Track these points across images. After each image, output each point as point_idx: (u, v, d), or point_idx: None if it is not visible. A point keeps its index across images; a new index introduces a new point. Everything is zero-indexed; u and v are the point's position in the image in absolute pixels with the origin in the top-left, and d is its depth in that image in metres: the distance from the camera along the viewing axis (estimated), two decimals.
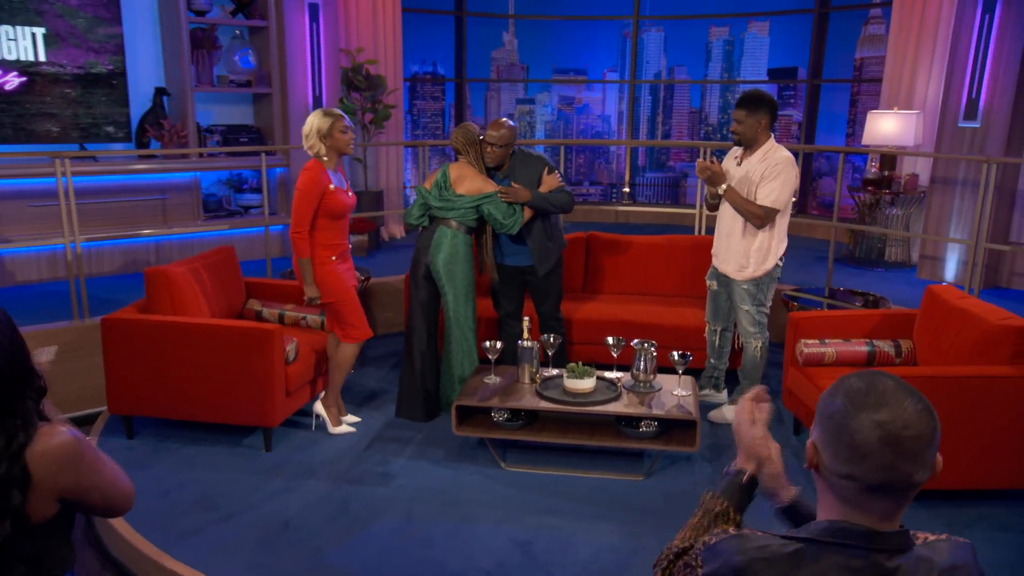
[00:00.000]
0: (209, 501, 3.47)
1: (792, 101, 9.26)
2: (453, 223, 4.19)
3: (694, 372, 4.47)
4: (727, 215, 4.12)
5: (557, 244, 4.40)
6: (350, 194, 3.97)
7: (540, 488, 3.62)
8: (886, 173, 6.71)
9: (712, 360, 4.50)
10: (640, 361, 3.89)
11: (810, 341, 3.99)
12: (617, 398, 3.76)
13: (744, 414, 1.56)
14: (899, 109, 6.65)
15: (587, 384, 3.80)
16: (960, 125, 5.86)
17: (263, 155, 5.46)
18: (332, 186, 3.82)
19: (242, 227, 6.49)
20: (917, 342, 3.93)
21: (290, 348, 3.94)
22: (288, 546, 3.13)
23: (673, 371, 3.94)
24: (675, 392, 3.84)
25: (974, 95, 5.77)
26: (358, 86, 6.87)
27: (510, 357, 4.36)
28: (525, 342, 3.95)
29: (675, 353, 3.83)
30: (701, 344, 4.57)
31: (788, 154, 3.95)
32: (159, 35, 6.41)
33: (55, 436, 1.43)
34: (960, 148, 5.89)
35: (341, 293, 3.92)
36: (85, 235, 5.08)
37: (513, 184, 4.23)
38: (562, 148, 7.56)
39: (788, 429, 4.28)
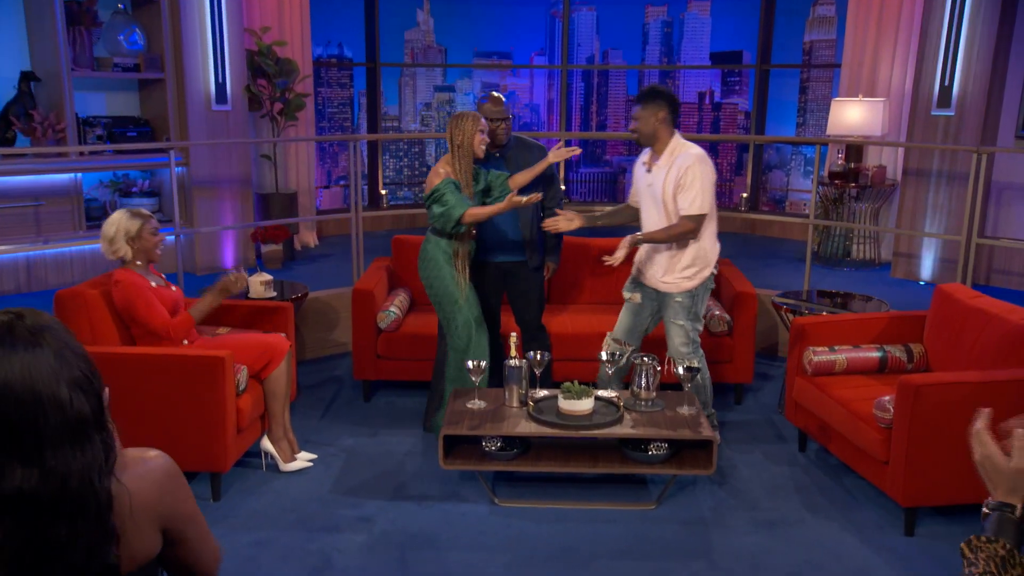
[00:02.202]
0: None
1: (738, 88, 9.66)
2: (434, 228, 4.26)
3: None
4: (651, 222, 4.17)
5: (543, 236, 4.51)
6: (173, 288, 4.06)
7: (544, 524, 3.64)
8: (852, 165, 7.08)
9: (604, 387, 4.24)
10: (641, 377, 3.98)
11: (818, 349, 4.18)
12: (620, 419, 3.83)
13: (990, 446, 1.56)
14: (863, 96, 7.04)
15: (585, 405, 3.85)
16: (933, 113, 6.27)
17: (171, 152, 5.27)
18: (153, 283, 3.92)
19: None
20: (929, 346, 4.19)
21: (240, 376, 3.82)
22: None
23: (673, 387, 4.06)
24: (681, 410, 3.94)
25: (947, 82, 6.19)
26: (267, 71, 6.72)
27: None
28: (512, 360, 3.97)
29: (680, 368, 3.94)
30: None
31: (697, 151, 4.03)
32: (22, 9, 6.09)
33: (151, 456, 1.45)
34: (933, 137, 6.30)
35: (232, 347, 3.93)
36: None
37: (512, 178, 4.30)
38: None
39: (792, 445, 4.46)
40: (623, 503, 3.84)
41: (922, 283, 6.52)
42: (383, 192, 8.92)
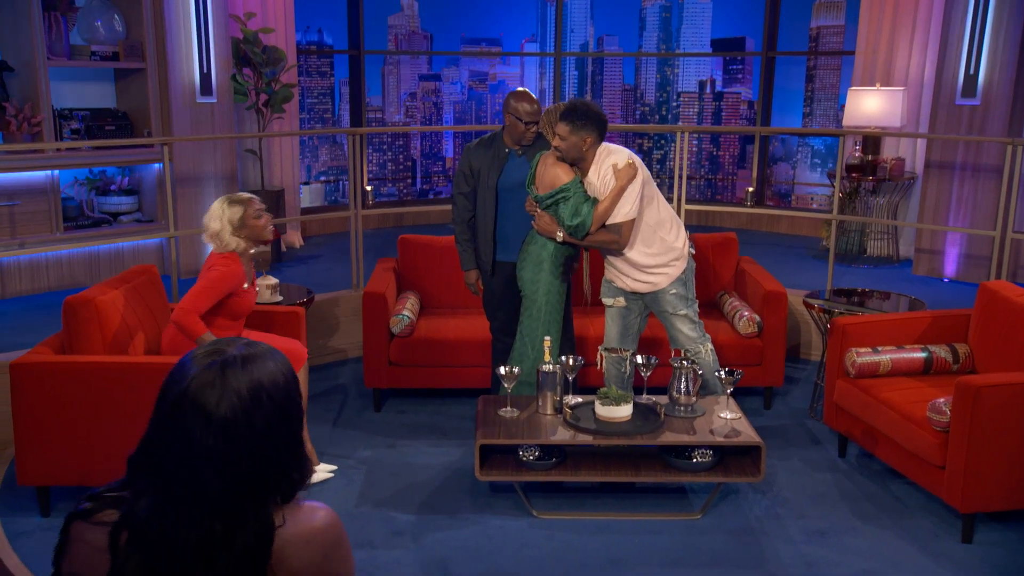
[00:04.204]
0: None
1: (740, 77, 9.81)
2: None
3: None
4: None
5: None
6: (256, 289, 4.22)
7: (587, 536, 3.73)
8: (869, 157, 7.25)
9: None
10: (680, 382, 4.08)
11: (861, 350, 4.30)
12: (662, 425, 3.93)
13: None
14: (879, 85, 7.21)
15: (624, 411, 3.94)
16: (958, 103, 6.45)
17: (164, 148, 5.28)
18: (246, 285, 4.02)
19: (114, 240, 6.22)
20: (975, 346, 4.33)
21: None
22: None
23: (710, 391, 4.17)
24: (723, 415, 4.05)
25: (972, 70, 6.37)
26: (254, 60, 6.73)
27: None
28: (547, 366, 4.05)
29: (722, 371, 4.05)
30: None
31: (621, 154, 4.10)
32: None
33: (317, 516, 1.46)
34: (957, 128, 6.48)
35: None
36: None
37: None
38: (474, 135, 7.66)
39: (829, 450, 4.59)
40: (666, 513, 3.94)
41: (946, 280, 6.70)
42: (368, 188, 8.95)
